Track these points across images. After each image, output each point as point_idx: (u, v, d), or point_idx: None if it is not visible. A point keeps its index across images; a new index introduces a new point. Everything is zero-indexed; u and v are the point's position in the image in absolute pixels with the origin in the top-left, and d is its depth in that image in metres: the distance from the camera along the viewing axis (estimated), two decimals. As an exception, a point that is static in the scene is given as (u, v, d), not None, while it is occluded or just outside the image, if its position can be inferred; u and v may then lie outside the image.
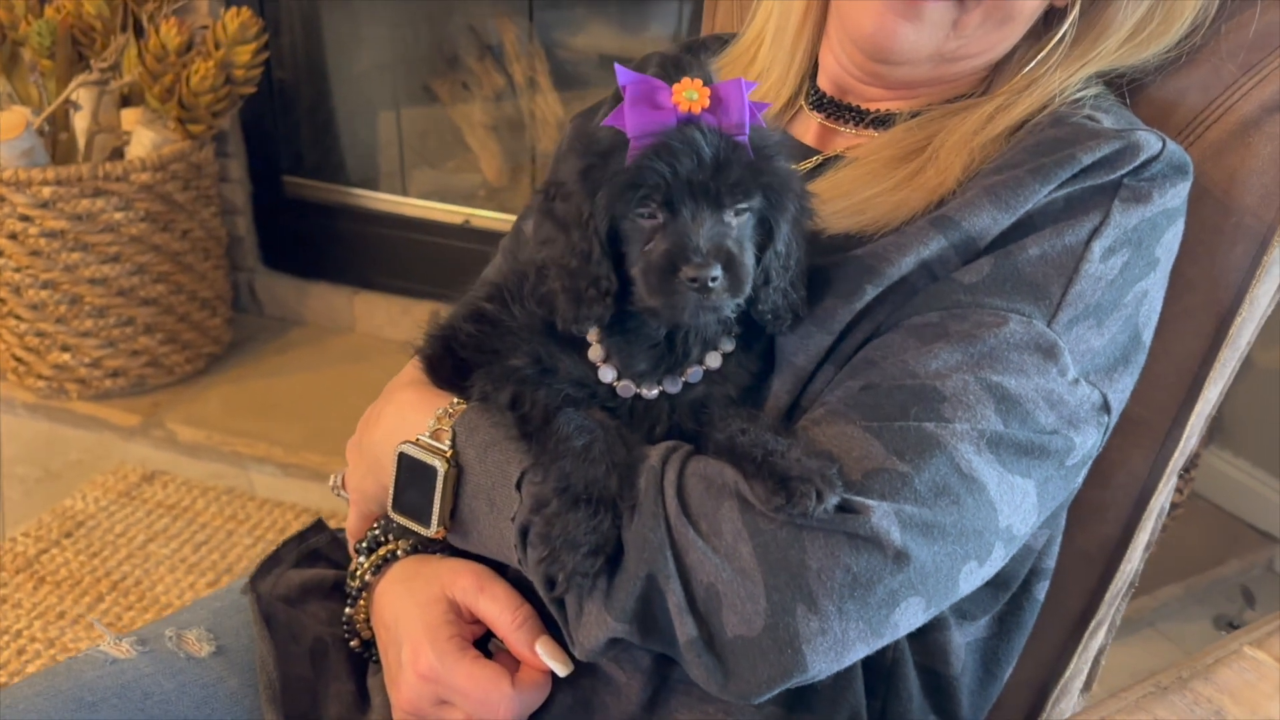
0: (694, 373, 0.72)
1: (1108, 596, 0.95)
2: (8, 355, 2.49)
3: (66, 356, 2.43)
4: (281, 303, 2.86)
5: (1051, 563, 0.87)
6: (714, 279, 0.64)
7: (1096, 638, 0.98)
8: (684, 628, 0.64)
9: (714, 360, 0.72)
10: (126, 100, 2.50)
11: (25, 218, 2.26)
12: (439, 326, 0.79)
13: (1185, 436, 0.90)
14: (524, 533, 0.67)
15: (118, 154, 2.42)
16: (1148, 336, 0.76)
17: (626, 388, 0.71)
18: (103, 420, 2.46)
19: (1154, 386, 0.89)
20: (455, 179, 2.88)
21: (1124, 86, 0.84)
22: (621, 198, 0.65)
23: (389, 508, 0.75)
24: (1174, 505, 1.86)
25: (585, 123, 0.70)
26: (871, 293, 0.71)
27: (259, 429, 2.42)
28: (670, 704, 0.73)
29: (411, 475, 0.73)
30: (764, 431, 0.66)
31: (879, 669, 0.77)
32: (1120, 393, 0.74)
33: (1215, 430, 2.24)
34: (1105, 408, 0.73)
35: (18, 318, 2.39)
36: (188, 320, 2.54)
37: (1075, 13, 0.81)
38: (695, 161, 0.64)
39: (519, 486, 0.69)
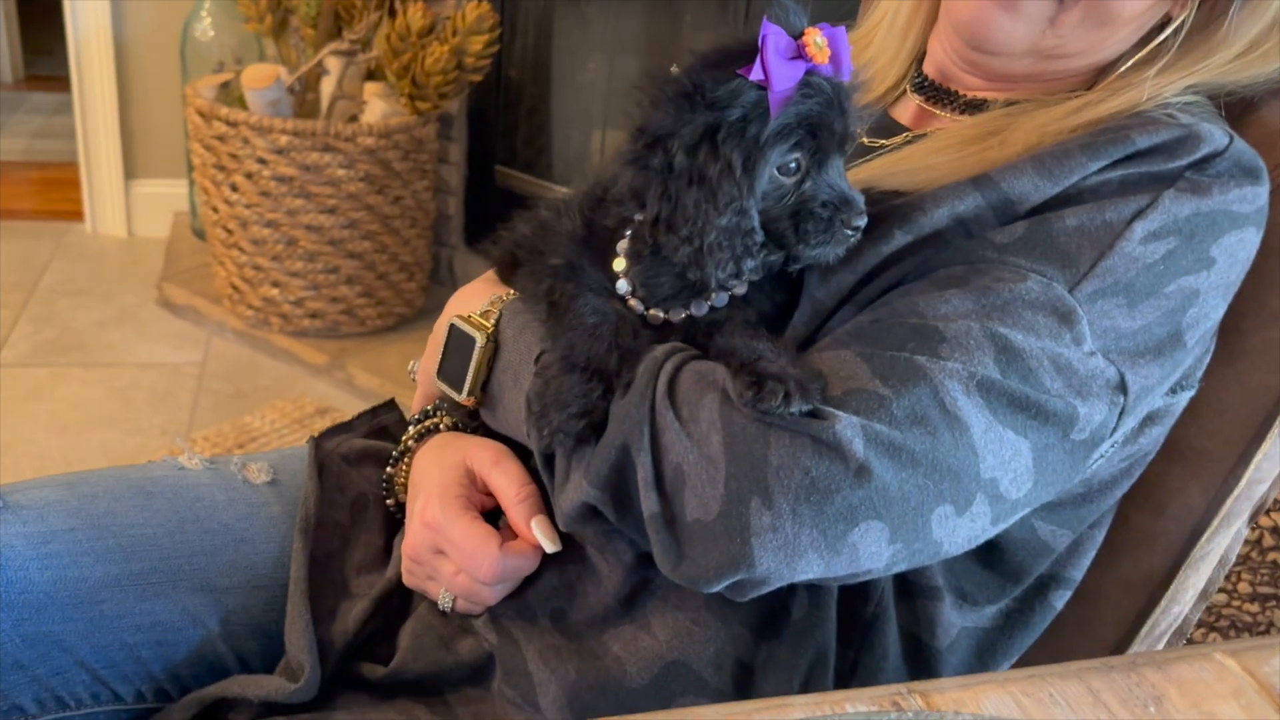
0: (719, 297, 0.75)
1: (1145, 632, 0.91)
2: (226, 283, 2.76)
3: (275, 292, 2.67)
4: (475, 282, 3.03)
5: (1078, 574, 0.84)
6: (864, 225, 0.69)
7: (1131, 677, 0.94)
8: (648, 502, 0.66)
9: (740, 287, 0.75)
10: (372, 74, 2.74)
11: (262, 160, 2.52)
12: (509, 231, 0.86)
13: (1250, 477, 0.86)
14: (529, 401, 0.72)
15: (354, 119, 2.65)
16: (1193, 339, 0.73)
17: (655, 316, 0.75)
18: (294, 355, 2.68)
19: (1221, 416, 0.86)
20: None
21: (1221, 100, 0.82)
22: (775, 148, 0.67)
23: (432, 372, 0.83)
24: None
25: (680, 77, 0.69)
26: (901, 239, 0.72)
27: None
28: (647, 606, 0.77)
29: (456, 345, 0.80)
30: (762, 341, 0.69)
31: (857, 620, 0.77)
32: (1144, 380, 0.71)
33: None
34: (1122, 388, 0.70)
35: (240, 250, 2.65)
36: (386, 279, 2.74)
37: (1185, 22, 0.80)
38: (838, 112, 0.68)
39: (537, 362, 0.74)
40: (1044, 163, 0.73)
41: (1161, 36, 0.80)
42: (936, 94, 0.90)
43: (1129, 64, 0.81)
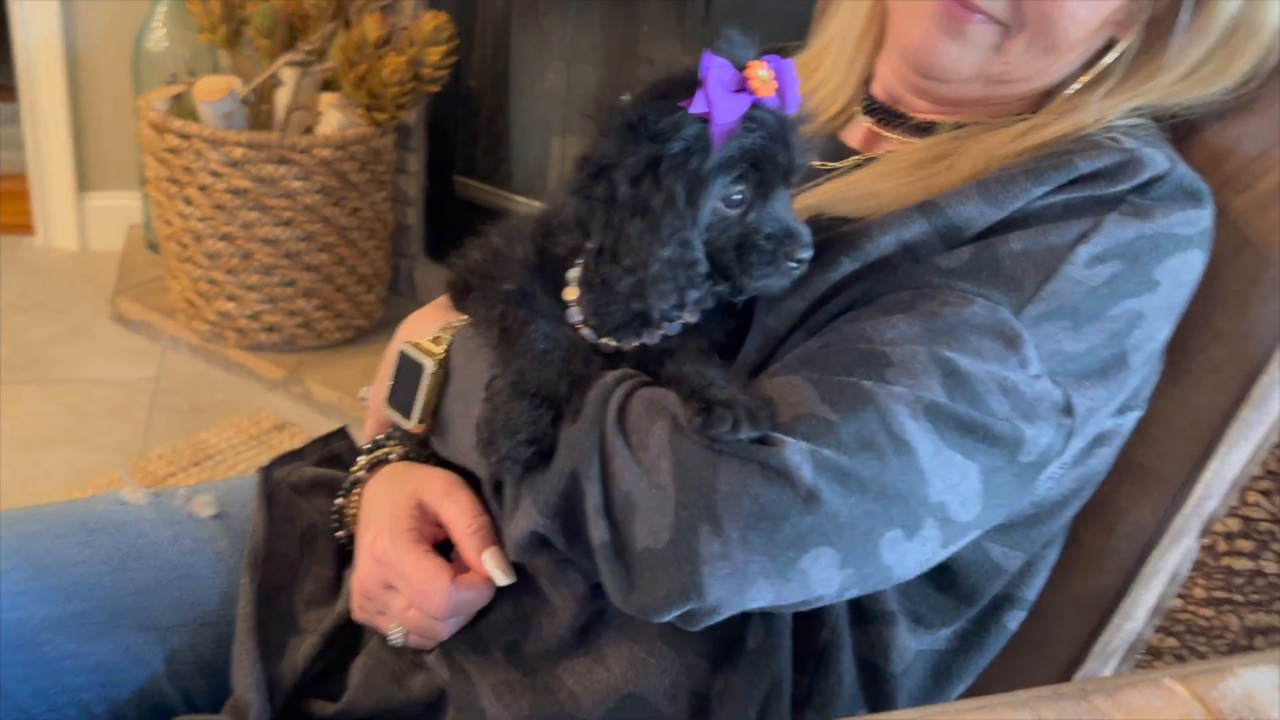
0: (672, 325, 0.75)
1: (1097, 649, 0.92)
2: (181, 297, 2.72)
3: (231, 306, 2.64)
4: (435, 292, 2.96)
5: (1031, 595, 0.85)
6: (809, 258, 0.69)
7: (1086, 694, 0.94)
8: (598, 530, 0.66)
9: (692, 316, 0.75)
10: (328, 85, 2.72)
11: (216, 173, 2.49)
12: (464, 257, 0.85)
13: (1199, 496, 0.87)
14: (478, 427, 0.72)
15: (309, 131, 2.63)
16: (1138, 361, 0.74)
17: (607, 345, 0.75)
18: (250, 369, 2.65)
19: (1170, 436, 0.87)
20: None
21: (1166, 123, 0.83)
22: (718, 180, 0.67)
23: (383, 399, 0.82)
24: (1273, 629, 1.74)
25: (625, 108, 0.69)
26: (848, 266, 0.72)
27: (386, 401, 2.56)
28: (601, 638, 0.76)
29: (406, 372, 0.80)
30: (713, 368, 0.69)
31: (811, 647, 0.77)
32: (1089, 401, 0.72)
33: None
34: (1068, 410, 0.70)
35: (195, 264, 2.62)
36: (344, 292, 2.71)
37: (1129, 46, 0.81)
38: (782, 144, 0.68)
39: (487, 389, 0.73)
40: (989, 188, 0.73)
41: (1107, 60, 0.81)
42: (886, 116, 0.90)
43: (1075, 87, 0.82)
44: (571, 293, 0.75)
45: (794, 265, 0.70)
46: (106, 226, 3.24)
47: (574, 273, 0.75)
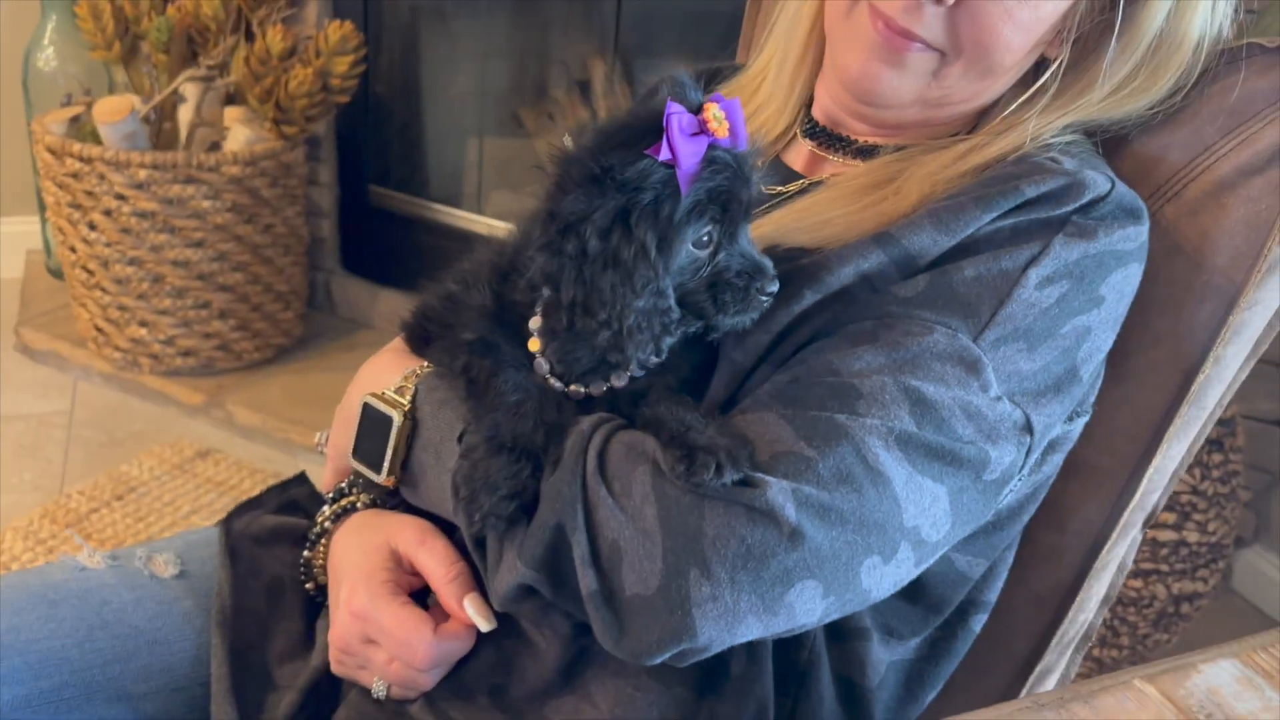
0: (638, 368, 0.75)
1: (1055, 642, 0.95)
2: (90, 325, 2.63)
3: (143, 332, 2.56)
4: (354, 305, 2.97)
5: (993, 596, 0.88)
6: (776, 290, 0.71)
7: (1045, 684, 0.98)
8: (586, 580, 0.67)
9: (660, 355, 0.75)
10: (232, 99, 2.65)
11: (120, 196, 2.41)
12: (419, 302, 0.85)
13: (1143, 490, 0.91)
14: (456, 486, 0.71)
15: (215, 147, 2.56)
16: (1087, 373, 0.77)
17: (576, 392, 0.75)
18: (169, 396, 2.58)
19: (1114, 435, 0.90)
20: (531, 202, 2.96)
21: (1099, 138, 0.86)
22: (690, 225, 0.68)
23: (350, 455, 0.81)
24: (1198, 595, 1.82)
25: (586, 159, 0.68)
26: (810, 298, 0.74)
27: (314, 419, 2.51)
28: (585, 675, 0.76)
29: (371, 425, 0.79)
30: (688, 411, 0.69)
31: (792, 669, 0.78)
32: (1046, 418, 0.75)
33: (1260, 530, 2.18)
34: (1028, 429, 0.74)
35: (103, 290, 2.53)
36: (261, 310, 2.65)
37: (1061, 65, 0.83)
38: (745, 180, 0.69)
39: (460, 440, 0.73)
40: (940, 217, 0.75)
41: (1041, 80, 0.83)
42: (828, 140, 0.91)
43: (1012, 107, 0.85)
44: (535, 344, 0.75)
45: (765, 299, 0.71)
46: (3, 253, 3.11)
47: (535, 322, 0.74)
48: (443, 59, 2.94)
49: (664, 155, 0.66)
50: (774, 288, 0.71)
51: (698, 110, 0.68)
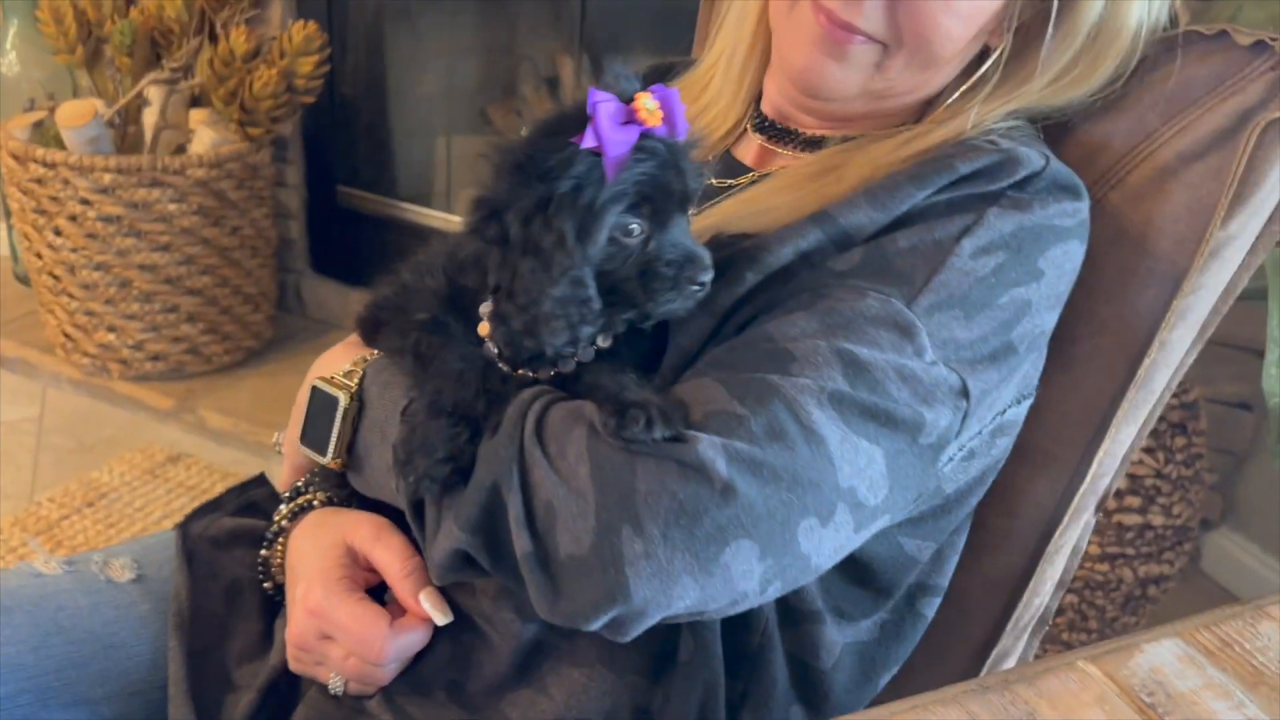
0: (587, 353, 0.76)
1: (1010, 626, 0.96)
2: (58, 331, 2.62)
3: (111, 337, 2.55)
4: (325, 306, 2.96)
5: (943, 581, 0.89)
6: (710, 280, 0.71)
7: (1003, 667, 0.99)
8: (521, 541, 0.66)
9: (605, 341, 0.76)
10: (197, 101, 2.64)
11: (85, 201, 2.39)
12: (373, 296, 0.85)
13: (1093, 473, 0.92)
14: (395, 449, 0.72)
15: (181, 150, 2.55)
16: (1025, 347, 0.78)
17: (523, 376, 0.75)
18: (139, 401, 2.57)
19: (1063, 420, 0.91)
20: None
21: (1040, 124, 0.87)
22: (611, 212, 0.68)
23: (297, 440, 0.81)
24: (1165, 578, 1.85)
25: (515, 148, 0.70)
26: (751, 279, 0.75)
27: (285, 422, 2.49)
28: (541, 668, 0.77)
29: (319, 408, 0.79)
30: (626, 376, 0.70)
31: (744, 652, 0.79)
32: (983, 384, 0.75)
33: (1227, 512, 2.21)
34: (964, 393, 0.74)
35: (70, 296, 2.52)
36: (230, 313, 2.65)
37: (1003, 54, 0.84)
38: (675, 172, 0.69)
39: (404, 414, 0.73)
40: (875, 195, 0.76)
41: (983, 69, 0.85)
42: (777, 133, 0.92)
43: (954, 96, 0.86)
44: (484, 328, 0.75)
45: (696, 288, 0.72)
46: (-32, 261, 3.09)
47: (485, 307, 0.75)
48: (408, 58, 2.93)
49: (588, 143, 0.66)
50: (706, 277, 0.71)
51: (629, 100, 0.68)
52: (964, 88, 0.86)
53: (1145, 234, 0.87)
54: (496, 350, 0.75)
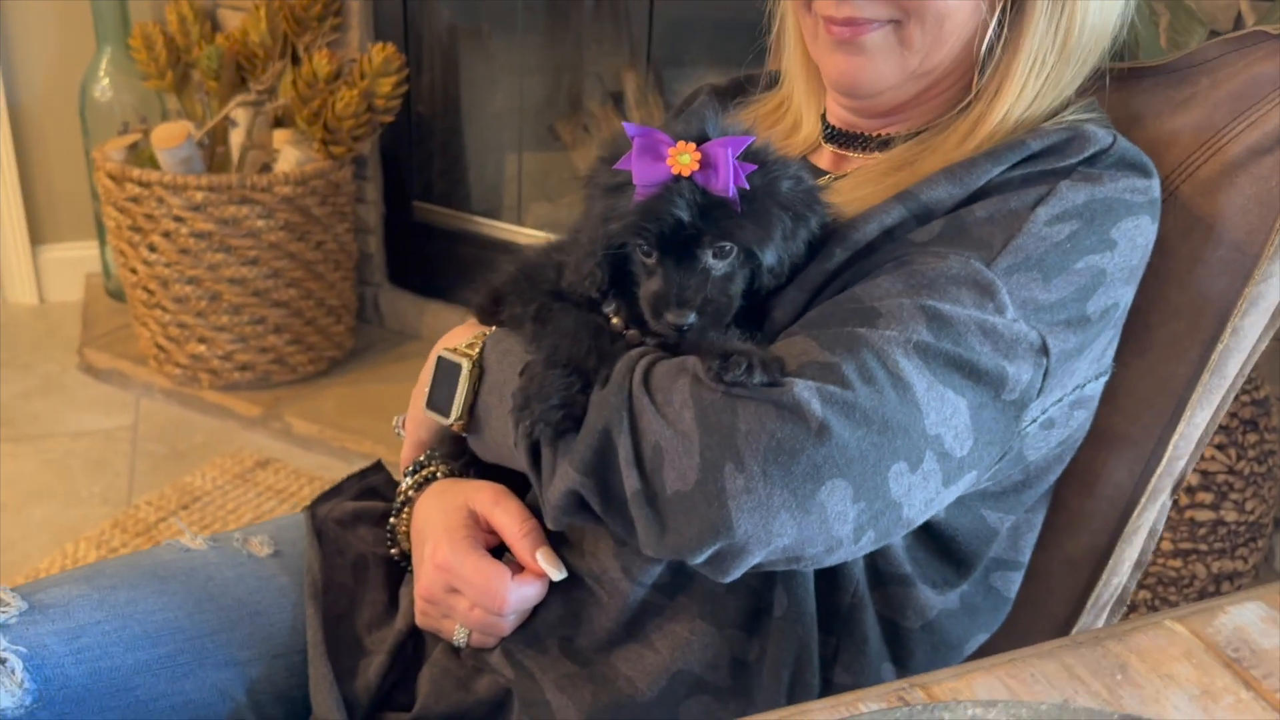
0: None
1: (1090, 603, 1.00)
2: (151, 343, 2.74)
3: (202, 348, 2.67)
4: (402, 317, 3.06)
5: (1022, 558, 0.93)
6: (689, 325, 0.76)
7: (1082, 645, 1.03)
8: (630, 480, 0.72)
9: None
10: (280, 121, 2.75)
11: (178, 218, 2.51)
12: (485, 287, 0.92)
13: (1169, 456, 0.96)
14: (514, 397, 0.79)
15: (266, 169, 2.66)
16: (1102, 319, 0.81)
17: (635, 336, 0.82)
18: (228, 409, 2.68)
19: (1139, 404, 0.96)
20: (568, 213, 3.05)
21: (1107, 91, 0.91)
22: (624, 235, 0.76)
23: (422, 406, 0.88)
24: (1238, 574, 1.86)
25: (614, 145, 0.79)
26: (840, 255, 0.80)
27: (367, 428, 2.60)
28: (647, 626, 0.83)
29: (443, 375, 0.87)
30: (729, 334, 0.77)
31: (836, 610, 0.84)
32: (1063, 344, 0.79)
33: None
34: (1044, 350, 0.78)
35: (163, 309, 2.64)
36: (314, 324, 2.75)
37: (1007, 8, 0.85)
38: (674, 221, 0.74)
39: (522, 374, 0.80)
40: (954, 173, 0.82)
41: (989, 32, 0.86)
42: (845, 140, 0.97)
43: (987, 72, 0.87)
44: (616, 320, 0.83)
45: (669, 328, 0.77)
46: (64, 278, 3.24)
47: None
48: (480, 77, 3.03)
49: (623, 165, 0.75)
50: (679, 321, 0.76)
51: (676, 140, 0.75)
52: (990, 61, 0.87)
53: (1215, 224, 0.91)
54: (616, 308, 0.83)
